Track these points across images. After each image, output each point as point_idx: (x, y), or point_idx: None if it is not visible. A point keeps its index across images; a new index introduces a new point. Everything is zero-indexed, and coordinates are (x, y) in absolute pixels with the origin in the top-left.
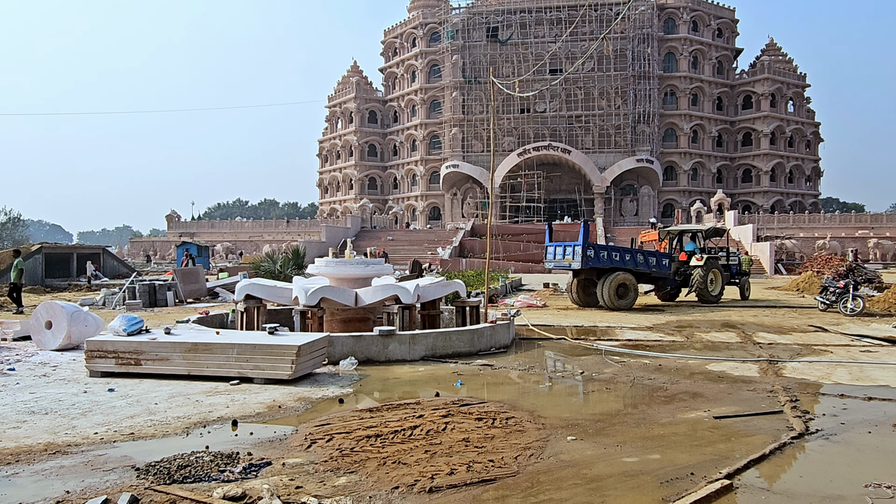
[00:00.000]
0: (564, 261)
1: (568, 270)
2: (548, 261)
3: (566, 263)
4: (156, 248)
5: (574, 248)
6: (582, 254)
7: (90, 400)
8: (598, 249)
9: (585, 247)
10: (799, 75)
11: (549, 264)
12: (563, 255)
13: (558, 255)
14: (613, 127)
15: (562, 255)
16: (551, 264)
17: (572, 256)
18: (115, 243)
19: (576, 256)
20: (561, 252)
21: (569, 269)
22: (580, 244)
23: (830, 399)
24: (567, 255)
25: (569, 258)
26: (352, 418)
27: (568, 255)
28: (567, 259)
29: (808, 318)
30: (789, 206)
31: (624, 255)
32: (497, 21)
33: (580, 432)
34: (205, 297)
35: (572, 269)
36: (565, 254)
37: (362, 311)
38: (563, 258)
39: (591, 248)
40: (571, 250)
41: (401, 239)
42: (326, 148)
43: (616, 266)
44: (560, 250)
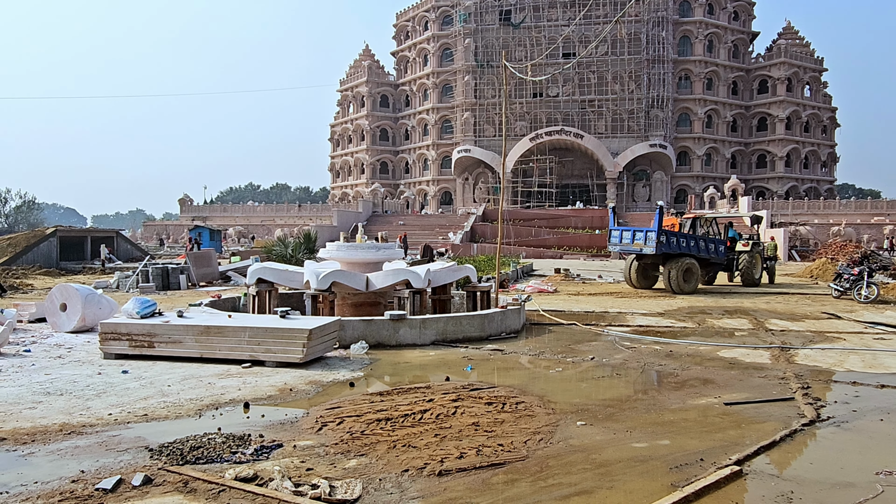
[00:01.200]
0: (634, 245)
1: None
2: (612, 244)
3: (636, 248)
4: (169, 231)
5: (647, 233)
6: (656, 239)
7: (104, 381)
8: (669, 235)
9: (660, 233)
10: (816, 59)
11: (613, 248)
12: (633, 240)
13: (625, 238)
14: (627, 111)
15: (630, 239)
16: (616, 248)
17: (644, 241)
18: (129, 227)
19: (649, 242)
20: (629, 237)
21: (639, 252)
22: (655, 230)
23: (842, 386)
24: (637, 240)
25: (639, 243)
26: (362, 402)
27: (639, 239)
28: (637, 244)
29: (822, 305)
30: (804, 192)
31: (689, 242)
32: (510, 4)
33: (590, 417)
34: (217, 280)
35: (643, 253)
36: (635, 238)
37: (373, 296)
38: (631, 243)
39: (663, 234)
40: (643, 235)
41: (412, 224)
42: (338, 132)
43: (683, 252)
44: (629, 235)
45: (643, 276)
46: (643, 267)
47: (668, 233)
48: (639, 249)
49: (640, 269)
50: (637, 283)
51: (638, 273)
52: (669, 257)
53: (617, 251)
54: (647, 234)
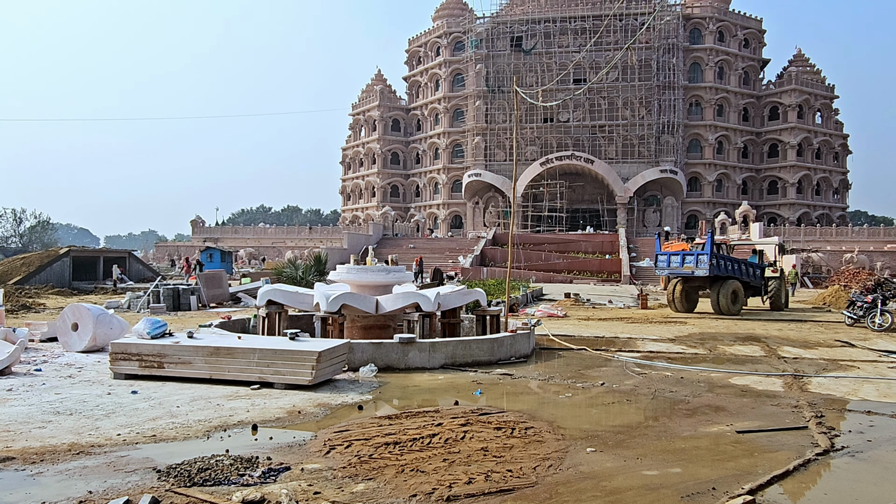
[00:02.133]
0: (684, 268)
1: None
2: (659, 268)
3: (687, 271)
4: (180, 252)
5: (699, 256)
6: (709, 262)
7: (114, 402)
8: (720, 259)
9: (712, 255)
10: (827, 86)
11: (660, 272)
12: (683, 263)
13: (674, 262)
14: (637, 137)
15: (679, 262)
16: (664, 271)
17: (695, 264)
18: (141, 247)
19: (701, 264)
20: (678, 260)
21: (690, 275)
22: (707, 253)
23: (857, 416)
24: (688, 263)
25: (690, 266)
26: (371, 425)
27: (689, 262)
28: (688, 267)
29: (835, 332)
30: (816, 218)
31: (735, 266)
32: (521, 30)
33: (600, 444)
34: (227, 301)
35: (694, 276)
36: (685, 262)
37: (383, 319)
38: (681, 265)
39: (714, 257)
40: (694, 258)
41: (422, 247)
42: (349, 155)
43: (731, 275)
44: (677, 258)
45: (686, 299)
46: (686, 290)
47: (720, 256)
48: (690, 272)
49: (684, 293)
50: (680, 306)
51: (682, 296)
52: (715, 280)
53: (665, 274)
54: (697, 257)
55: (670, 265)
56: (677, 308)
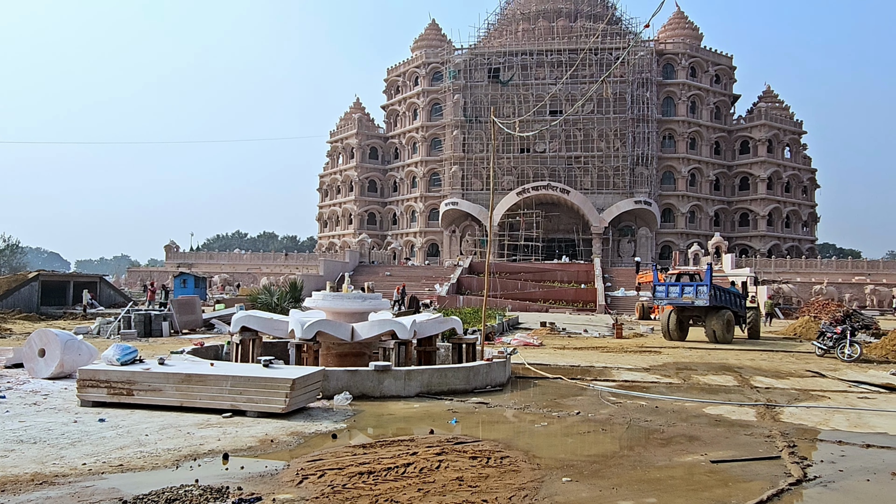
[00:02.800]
0: (684, 298)
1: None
2: (658, 297)
3: (687, 301)
4: (153, 277)
5: (698, 287)
6: (708, 293)
7: (80, 430)
8: (717, 290)
9: (711, 286)
10: (795, 122)
11: (660, 301)
12: (682, 294)
13: (673, 292)
14: (612, 168)
15: (678, 293)
16: (663, 301)
17: (695, 295)
18: (113, 272)
19: (701, 295)
20: (677, 291)
21: (690, 305)
22: (707, 284)
23: (828, 445)
24: (687, 294)
25: (689, 296)
26: (345, 454)
27: (688, 293)
28: (687, 297)
29: (806, 362)
30: (786, 250)
31: (728, 297)
32: (499, 62)
33: (575, 473)
34: (201, 328)
35: (694, 306)
36: (684, 292)
37: (358, 346)
38: (680, 296)
39: (713, 288)
40: (693, 289)
41: (399, 275)
42: (327, 182)
43: (724, 305)
44: (676, 289)
45: (679, 328)
46: (680, 319)
47: (717, 288)
48: (690, 302)
49: (678, 322)
50: (674, 334)
51: (676, 325)
52: (710, 310)
53: (664, 304)
54: (697, 287)
55: (669, 295)
56: (671, 336)
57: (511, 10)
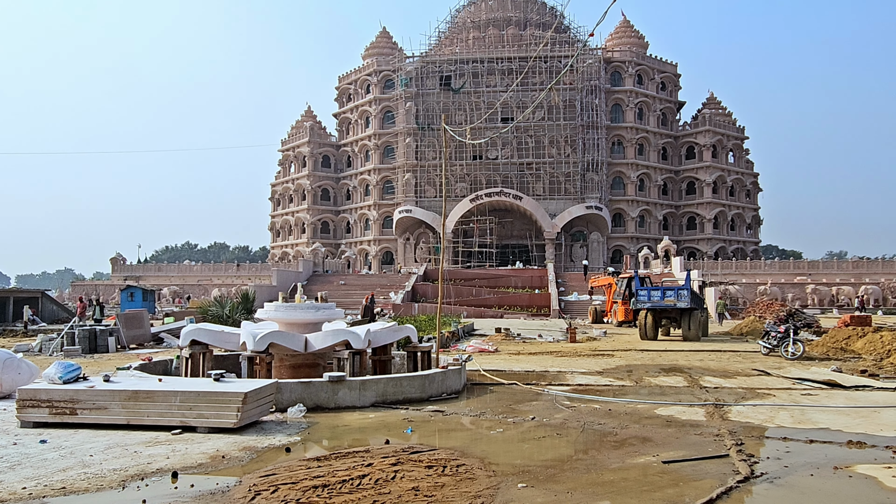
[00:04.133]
0: (666, 301)
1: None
2: (640, 302)
3: (669, 304)
4: (99, 292)
5: (679, 291)
6: (689, 296)
7: (20, 452)
8: (693, 294)
9: (691, 291)
10: (738, 128)
11: (642, 305)
12: (664, 297)
13: (654, 296)
14: (563, 174)
15: (660, 297)
16: (646, 304)
17: (676, 298)
18: (56, 287)
19: (682, 298)
20: (659, 294)
21: (672, 307)
22: (687, 289)
23: (774, 442)
24: (669, 297)
25: (671, 299)
26: (298, 468)
27: (670, 297)
28: (669, 300)
29: (752, 361)
30: (732, 252)
31: (698, 300)
32: (450, 70)
33: (531, 479)
34: (149, 342)
35: (676, 308)
36: (665, 296)
37: (312, 357)
38: (661, 299)
39: (692, 292)
40: (675, 293)
41: (353, 283)
42: (279, 191)
43: (698, 307)
44: (657, 293)
45: (654, 327)
46: (655, 320)
47: (693, 291)
48: (672, 304)
49: (654, 322)
50: (651, 333)
51: (652, 325)
52: (685, 311)
53: (647, 307)
54: (678, 291)
55: (651, 299)
56: (648, 335)
57: (461, 19)
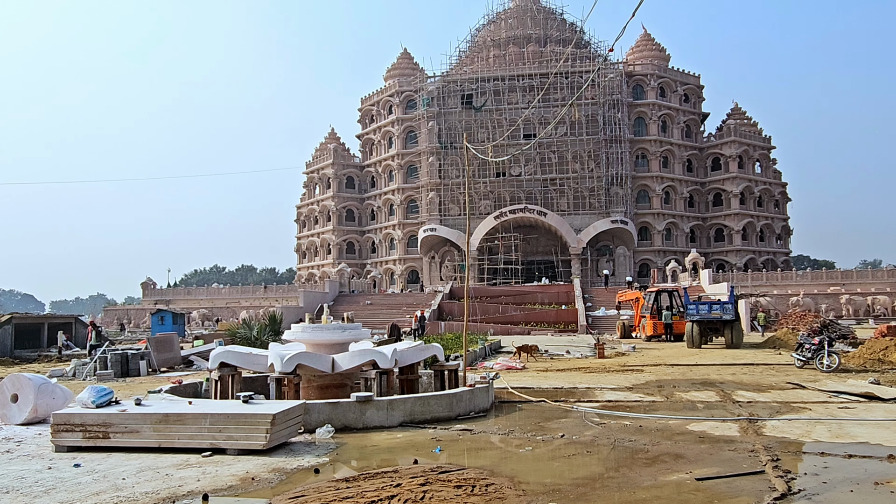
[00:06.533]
0: (712, 314)
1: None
2: (690, 315)
3: (715, 316)
4: (130, 316)
5: (724, 305)
6: (734, 310)
7: (54, 476)
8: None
9: (735, 304)
10: (764, 138)
11: (691, 317)
12: (710, 310)
13: (702, 310)
14: (587, 189)
15: (707, 310)
16: (696, 317)
17: (722, 311)
18: (89, 312)
19: (727, 311)
20: (706, 308)
21: (719, 319)
22: (732, 303)
23: (811, 457)
24: (715, 310)
25: (717, 312)
26: (327, 489)
27: (716, 310)
28: (716, 313)
29: (786, 375)
30: (762, 263)
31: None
32: (471, 89)
33: (561, 498)
34: (179, 365)
35: (722, 320)
36: (712, 309)
37: (339, 377)
38: (709, 312)
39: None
40: (721, 307)
41: (379, 303)
42: (304, 213)
43: (738, 319)
44: (705, 307)
45: (700, 337)
46: (701, 331)
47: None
48: (719, 317)
49: (700, 332)
50: (696, 343)
51: (698, 335)
52: (727, 322)
53: (696, 319)
54: (723, 305)
55: (699, 312)
56: (695, 343)
57: (482, 38)
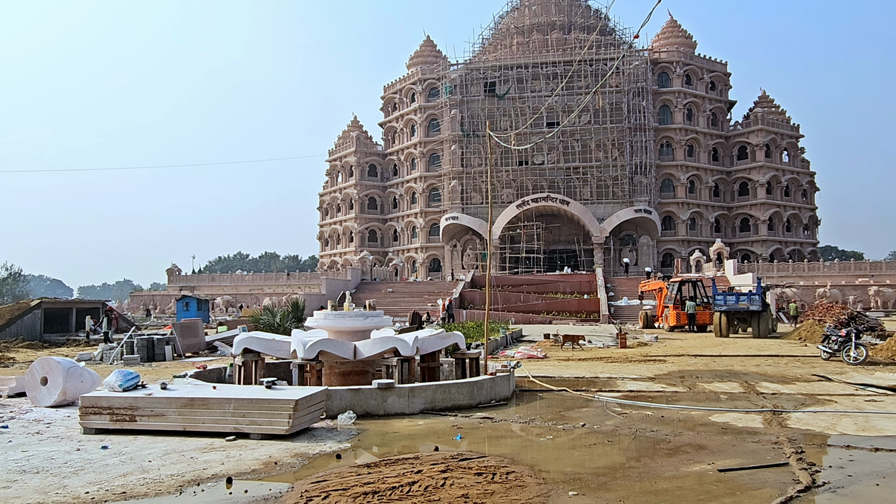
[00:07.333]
0: (740, 305)
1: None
2: (717, 305)
3: (743, 307)
4: (156, 301)
5: (752, 296)
6: (761, 300)
7: (83, 458)
8: (763, 297)
9: (763, 295)
10: (792, 126)
11: (719, 308)
12: (738, 301)
13: (730, 300)
14: (611, 178)
15: (735, 300)
16: (723, 307)
17: (749, 302)
18: (116, 297)
19: (754, 302)
20: (734, 299)
21: (747, 310)
22: (759, 294)
23: (837, 450)
24: (743, 301)
25: (745, 303)
26: (349, 474)
27: (743, 300)
28: (743, 304)
29: (812, 367)
30: (788, 254)
31: (765, 303)
32: (494, 76)
33: (582, 487)
34: (203, 350)
35: (750, 310)
36: (739, 300)
37: (361, 364)
38: (736, 303)
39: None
40: (748, 298)
41: (401, 291)
42: (327, 201)
43: (765, 309)
44: (732, 298)
45: (728, 326)
46: (729, 321)
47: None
48: (746, 308)
49: (728, 322)
50: (724, 332)
51: (726, 325)
52: (754, 313)
53: (724, 310)
54: (750, 296)
55: (727, 303)
56: (723, 333)
57: (505, 25)
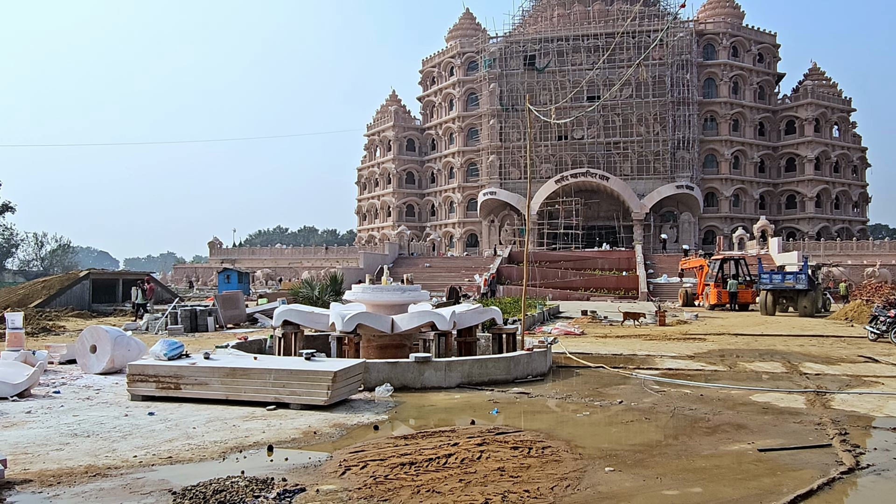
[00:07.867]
0: (786, 283)
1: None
2: (763, 283)
3: (789, 285)
4: (198, 274)
5: (798, 275)
6: (807, 279)
7: (131, 423)
8: (809, 276)
9: (809, 274)
10: (844, 99)
11: (765, 286)
12: (784, 279)
13: (776, 279)
14: (652, 153)
15: (781, 279)
16: (769, 286)
17: (795, 281)
18: (160, 269)
19: (800, 282)
20: (780, 278)
21: (793, 288)
22: (805, 273)
23: (882, 433)
24: (788, 280)
25: (790, 282)
26: (386, 445)
27: (789, 279)
28: (789, 283)
29: (858, 347)
30: (836, 232)
31: (813, 282)
32: (534, 49)
33: (618, 463)
34: (244, 322)
35: (796, 289)
36: (785, 278)
37: (398, 338)
38: (782, 281)
39: (808, 276)
40: (794, 276)
41: (438, 266)
42: (365, 176)
43: (812, 288)
44: (778, 277)
45: (774, 304)
46: (775, 299)
47: (808, 274)
48: (792, 286)
49: (774, 300)
50: (770, 311)
51: (772, 303)
52: (801, 291)
53: (769, 288)
54: (796, 276)
55: (772, 281)
56: (769, 312)
57: None
